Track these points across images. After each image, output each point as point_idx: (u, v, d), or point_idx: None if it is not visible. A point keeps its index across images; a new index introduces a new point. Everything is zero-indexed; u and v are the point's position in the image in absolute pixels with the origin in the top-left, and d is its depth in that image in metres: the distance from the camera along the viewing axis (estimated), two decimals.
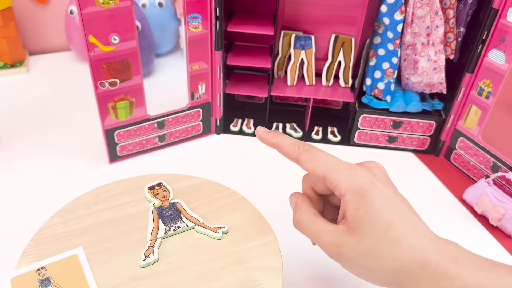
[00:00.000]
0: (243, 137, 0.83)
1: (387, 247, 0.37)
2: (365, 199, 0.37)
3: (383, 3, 0.68)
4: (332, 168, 0.39)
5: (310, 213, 0.42)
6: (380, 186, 0.38)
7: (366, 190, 0.38)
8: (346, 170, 0.39)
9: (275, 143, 0.44)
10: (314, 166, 0.40)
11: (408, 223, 0.38)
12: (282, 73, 0.84)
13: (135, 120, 0.72)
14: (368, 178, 0.38)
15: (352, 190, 0.38)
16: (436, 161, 0.81)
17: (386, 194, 0.38)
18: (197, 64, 0.72)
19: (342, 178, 0.38)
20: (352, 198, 0.38)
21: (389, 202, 0.38)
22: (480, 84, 0.70)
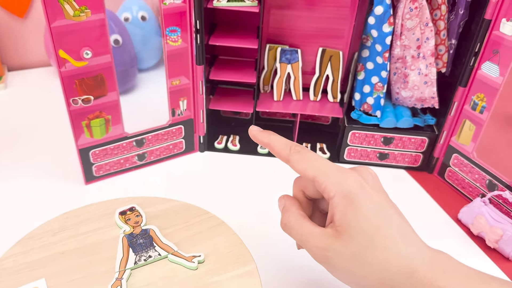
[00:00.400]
0: (228, 155, 0.79)
1: (374, 253, 0.36)
2: (353, 203, 0.37)
3: (370, 15, 0.66)
4: (322, 170, 0.38)
5: (298, 215, 0.41)
6: (370, 191, 0.38)
7: (355, 194, 0.37)
8: (336, 173, 0.38)
9: (267, 142, 0.43)
10: (304, 168, 0.39)
11: (397, 229, 0.37)
12: (268, 88, 0.80)
13: (111, 139, 0.68)
14: (358, 182, 0.37)
15: (340, 193, 0.37)
16: (429, 178, 0.77)
17: (375, 200, 0.37)
18: (177, 79, 0.69)
19: (332, 181, 0.38)
20: (340, 201, 0.37)
21: (378, 208, 0.37)
22: (474, 98, 0.67)
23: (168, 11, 0.62)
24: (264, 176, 0.75)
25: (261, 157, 0.79)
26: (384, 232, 0.36)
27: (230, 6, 0.67)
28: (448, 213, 0.70)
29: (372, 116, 0.74)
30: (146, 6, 1.01)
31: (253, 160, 0.78)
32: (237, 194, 0.70)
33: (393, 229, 0.37)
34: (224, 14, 0.75)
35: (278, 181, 0.70)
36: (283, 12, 0.74)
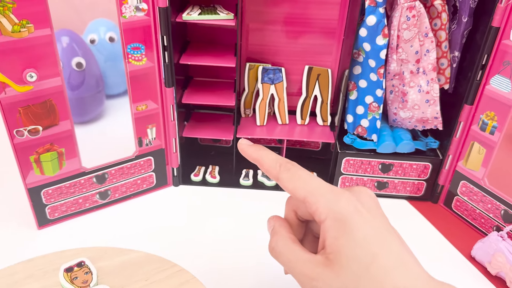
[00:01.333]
0: (206, 189, 0.69)
1: (368, 285, 0.32)
2: (346, 227, 0.33)
3: (362, 26, 0.58)
4: (313, 190, 0.35)
5: (287, 239, 0.37)
6: (366, 215, 0.33)
7: (349, 218, 0.33)
8: (328, 193, 0.34)
9: (256, 158, 0.39)
10: (294, 187, 0.36)
11: (395, 259, 0.33)
12: (250, 111, 0.72)
13: (67, 175, 0.58)
14: (352, 205, 0.34)
15: (332, 216, 0.33)
16: (434, 209, 0.68)
17: (372, 224, 0.33)
18: (143, 104, 0.60)
19: (323, 202, 0.34)
20: (332, 225, 0.33)
21: (375, 233, 0.33)
22: (483, 117, 0.59)
23: (128, 25, 0.54)
24: (248, 213, 0.65)
25: (244, 189, 0.70)
26: (380, 262, 0.32)
27: (202, 20, 0.58)
28: (459, 250, 0.61)
29: (367, 140, 0.66)
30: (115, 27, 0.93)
31: (235, 193, 0.69)
32: (216, 238, 0.60)
33: (391, 258, 0.33)
34: (198, 30, 0.67)
35: (264, 219, 0.60)
36: (264, 27, 0.66)
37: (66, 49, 0.78)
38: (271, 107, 0.71)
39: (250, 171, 0.73)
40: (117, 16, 0.52)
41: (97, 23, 0.94)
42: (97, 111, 0.85)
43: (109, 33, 0.94)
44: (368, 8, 0.56)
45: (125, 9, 0.52)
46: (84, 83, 0.80)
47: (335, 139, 0.67)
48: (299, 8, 0.64)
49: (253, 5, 0.64)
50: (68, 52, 0.76)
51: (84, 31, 0.92)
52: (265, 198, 0.68)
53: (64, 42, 0.78)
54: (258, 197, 0.68)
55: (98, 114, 0.86)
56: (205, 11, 0.59)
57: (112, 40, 0.93)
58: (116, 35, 0.93)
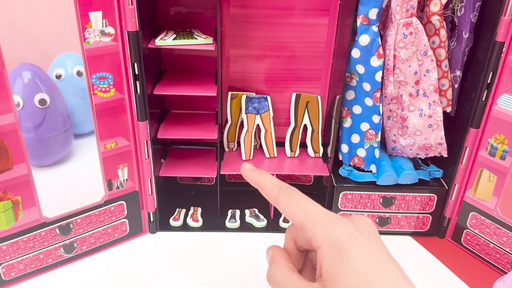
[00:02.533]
0: (188, 234, 0.61)
1: None
2: (342, 253, 0.33)
3: (354, 47, 0.53)
4: (311, 216, 0.35)
5: (285, 267, 0.38)
6: (363, 242, 0.34)
7: (344, 244, 0.33)
8: (325, 219, 0.35)
9: (257, 182, 0.40)
10: (292, 212, 0.36)
11: (392, 286, 0.32)
12: (234, 145, 0.65)
13: (24, 227, 0.50)
14: (348, 231, 0.34)
15: (328, 242, 0.34)
16: (442, 245, 0.62)
17: (368, 251, 0.33)
18: (112, 141, 0.52)
19: (320, 228, 0.34)
20: (328, 251, 0.34)
21: (371, 260, 0.33)
22: (491, 141, 0.54)
23: (93, 52, 0.47)
24: (236, 259, 0.57)
25: (231, 233, 0.62)
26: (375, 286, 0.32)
27: (178, 45, 0.52)
28: None
29: (365, 172, 0.59)
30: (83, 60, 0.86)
31: (220, 238, 0.61)
32: None
33: (387, 286, 0.32)
34: (173, 58, 0.61)
35: (254, 264, 0.53)
36: (246, 53, 0.60)
37: (27, 85, 0.70)
38: (257, 139, 0.65)
39: (236, 211, 0.65)
40: (79, 42, 0.46)
41: (63, 57, 0.86)
42: (63, 152, 0.77)
43: (76, 67, 0.86)
44: (360, 26, 0.51)
45: (89, 34, 0.46)
46: (48, 121, 0.72)
47: (330, 171, 0.61)
48: (284, 31, 0.59)
49: (233, 29, 0.59)
50: (30, 88, 0.69)
51: (49, 66, 0.85)
52: (254, 241, 0.61)
53: (26, 77, 0.71)
54: (247, 240, 0.61)
55: (65, 155, 0.77)
56: (181, 35, 0.54)
57: (80, 74, 0.86)
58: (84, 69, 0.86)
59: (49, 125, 0.72)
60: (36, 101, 0.71)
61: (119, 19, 0.47)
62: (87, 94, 0.75)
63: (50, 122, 0.73)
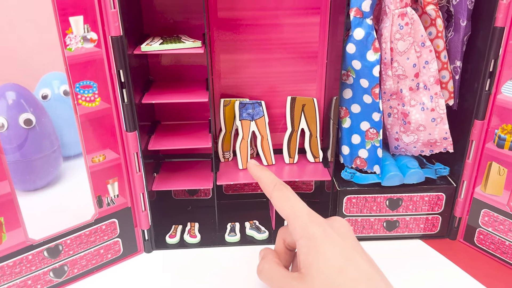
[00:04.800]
0: (186, 252, 0.58)
1: None
2: (316, 245, 0.38)
3: (349, 42, 0.50)
4: (295, 211, 0.41)
5: (272, 262, 0.43)
6: (335, 237, 0.39)
7: (318, 238, 0.38)
8: (305, 216, 0.40)
9: (258, 176, 0.46)
10: (281, 205, 0.42)
11: (361, 274, 0.37)
12: (230, 154, 0.62)
13: (8, 251, 0.47)
14: (322, 228, 0.39)
15: (305, 235, 0.39)
16: (454, 247, 0.59)
17: (339, 244, 0.38)
18: (100, 154, 0.50)
19: (300, 223, 0.40)
20: (304, 243, 0.39)
21: (342, 252, 0.38)
22: (498, 132, 0.51)
23: (75, 59, 0.45)
24: (238, 275, 0.54)
25: (231, 247, 0.59)
26: (346, 276, 0.37)
27: (165, 50, 0.50)
28: None
29: (369, 173, 0.57)
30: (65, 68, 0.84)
31: (220, 253, 0.58)
32: None
33: (356, 273, 0.37)
34: (161, 67, 0.59)
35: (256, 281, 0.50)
36: (237, 57, 0.58)
37: (12, 105, 0.68)
38: (253, 147, 0.62)
39: (236, 224, 0.62)
40: (60, 49, 0.43)
41: (49, 77, 0.84)
42: (51, 175, 0.73)
43: (63, 86, 0.84)
44: (354, 20, 0.49)
45: (70, 40, 0.43)
46: (34, 142, 0.69)
47: (331, 176, 0.58)
48: (274, 32, 0.57)
49: (222, 33, 0.57)
50: (14, 108, 0.66)
51: (35, 86, 0.82)
52: (256, 254, 0.57)
53: (10, 98, 0.68)
54: (248, 254, 0.57)
55: (54, 177, 0.74)
56: (168, 40, 0.51)
57: (68, 94, 0.83)
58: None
59: (36, 146, 0.69)
60: (21, 121, 0.68)
61: (102, 24, 0.45)
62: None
63: (36, 143, 0.70)
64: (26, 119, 0.69)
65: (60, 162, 0.76)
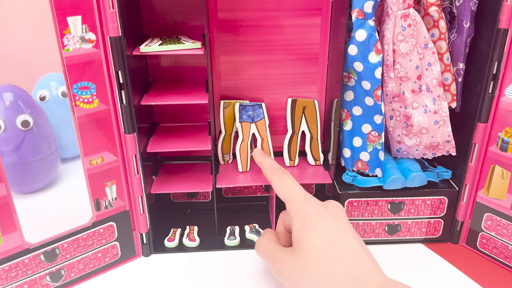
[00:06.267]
0: (185, 256, 0.57)
1: (323, 267, 0.39)
2: (307, 221, 0.42)
3: (351, 43, 0.50)
4: (292, 194, 0.45)
5: (269, 238, 0.47)
6: (327, 216, 0.42)
7: (311, 216, 0.42)
8: (302, 198, 0.44)
9: (260, 162, 0.51)
10: (280, 189, 0.46)
11: (349, 249, 0.39)
12: (229, 157, 0.61)
13: (4, 255, 0.46)
14: (315, 208, 0.43)
15: (299, 214, 0.43)
16: (457, 251, 0.58)
17: (331, 223, 0.41)
18: (98, 157, 0.49)
19: (296, 204, 0.44)
20: (298, 220, 0.42)
21: (332, 229, 0.41)
22: (502, 135, 0.51)
23: (73, 60, 0.44)
24: (238, 279, 0.53)
25: (231, 251, 0.58)
26: (334, 249, 0.39)
27: (164, 51, 0.49)
28: None
29: (370, 176, 0.56)
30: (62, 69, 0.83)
31: (220, 257, 0.57)
32: None
33: (344, 248, 0.39)
34: (161, 69, 0.58)
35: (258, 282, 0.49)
36: (237, 59, 0.57)
37: (9, 107, 0.67)
38: (253, 149, 0.61)
39: (235, 228, 0.61)
40: (58, 49, 0.43)
41: (47, 78, 0.83)
42: (49, 177, 0.73)
43: (61, 87, 0.83)
44: (356, 21, 0.49)
45: (68, 40, 0.43)
46: (31, 144, 0.69)
47: (332, 179, 0.57)
48: (275, 34, 0.56)
49: (223, 35, 0.56)
50: (11, 109, 0.66)
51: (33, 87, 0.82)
52: (256, 258, 0.57)
53: (7, 99, 0.68)
54: (248, 258, 0.57)
55: (52, 180, 0.74)
56: (167, 41, 0.51)
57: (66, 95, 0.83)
58: None
59: (33, 148, 0.68)
60: (19, 123, 0.67)
61: (100, 24, 0.44)
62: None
63: (33, 145, 0.69)
64: (24, 121, 0.68)
65: (58, 165, 0.75)
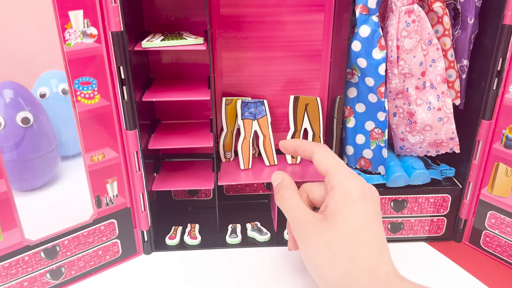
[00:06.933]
0: (186, 253, 0.57)
1: (348, 246, 0.39)
2: (350, 197, 0.40)
3: (354, 39, 0.49)
4: (337, 165, 0.43)
5: (295, 192, 0.44)
6: (369, 199, 0.41)
7: (355, 192, 0.41)
8: (347, 172, 0.42)
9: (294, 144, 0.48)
10: (324, 159, 0.44)
11: (377, 238, 0.40)
12: (231, 154, 0.61)
13: (4, 252, 0.45)
14: (361, 185, 0.41)
15: (343, 187, 0.41)
16: (460, 249, 0.58)
17: (370, 207, 0.41)
18: (99, 153, 0.48)
19: (340, 176, 0.42)
20: (339, 193, 0.41)
21: (369, 214, 0.40)
22: (506, 133, 0.50)
23: (74, 55, 0.43)
24: (238, 277, 0.53)
25: (232, 249, 0.58)
26: (365, 234, 0.39)
27: (166, 46, 0.49)
28: None
29: (373, 174, 0.56)
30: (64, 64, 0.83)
31: (221, 255, 0.56)
32: None
33: (374, 236, 0.39)
34: (163, 65, 0.58)
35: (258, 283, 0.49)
36: (239, 55, 0.57)
37: (9, 103, 0.67)
38: (255, 147, 0.61)
39: (237, 226, 0.61)
40: (59, 44, 0.42)
41: (48, 75, 0.83)
42: (49, 175, 0.72)
43: (61, 85, 0.82)
44: (359, 17, 0.48)
45: (69, 35, 0.42)
46: (31, 141, 0.68)
47: None
48: (278, 30, 0.56)
49: (225, 31, 0.56)
50: (12, 106, 0.65)
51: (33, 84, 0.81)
52: (258, 256, 0.56)
53: (7, 96, 0.67)
54: (250, 256, 0.56)
55: (52, 178, 0.73)
56: (169, 37, 0.50)
57: (66, 92, 0.82)
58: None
59: (33, 145, 0.68)
60: (19, 120, 0.67)
61: (102, 19, 0.43)
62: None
63: (33, 142, 0.69)
64: (24, 118, 0.68)
65: (58, 162, 0.74)
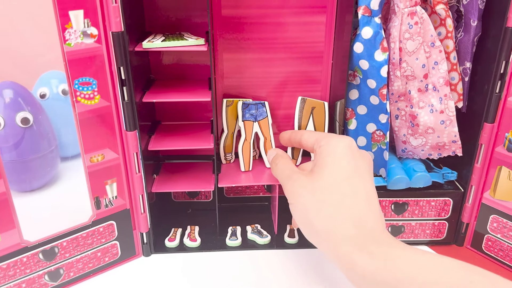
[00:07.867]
0: (186, 256, 0.56)
1: (333, 195, 0.40)
2: (336, 152, 0.42)
3: (356, 41, 0.49)
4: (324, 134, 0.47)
5: (289, 160, 0.48)
6: (356, 154, 0.42)
7: (342, 148, 0.42)
8: (335, 136, 0.45)
9: (299, 133, 0.50)
10: (310, 134, 0.48)
11: (363, 188, 0.40)
12: (231, 156, 0.61)
13: (2, 253, 0.45)
14: (349, 144, 0.42)
15: (330, 144, 0.43)
16: (462, 254, 0.57)
17: (356, 162, 0.41)
18: (99, 154, 0.48)
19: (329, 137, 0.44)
20: (326, 149, 0.42)
21: (356, 166, 0.41)
22: (509, 136, 0.50)
23: (74, 55, 0.43)
24: (238, 280, 0.52)
25: (232, 251, 0.57)
26: (351, 183, 0.40)
27: (167, 47, 0.49)
28: None
29: (375, 176, 0.55)
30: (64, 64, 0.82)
31: (221, 258, 0.56)
32: None
33: (360, 186, 0.40)
34: (163, 66, 0.57)
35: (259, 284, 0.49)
36: (240, 56, 0.57)
37: (9, 104, 0.66)
38: (256, 149, 0.61)
39: (237, 228, 0.60)
40: (60, 44, 0.42)
41: (48, 76, 0.82)
42: (48, 176, 0.72)
43: (62, 85, 0.82)
44: (362, 19, 0.48)
45: (69, 34, 0.42)
46: (31, 142, 0.68)
47: None
48: (279, 31, 0.56)
49: (226, 32, 0.55)
50: (11, 106, 0.65)
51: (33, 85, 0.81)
52: (258, 259, 0.56)
53: (7, 96, 0.67)
54: (250, 258, 0.56)
55: (51, 179, 0.73)
56: (170, 38, 0.50)
57: (66, 93, 0.82)
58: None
59: (32, 146, 0.68)
60: (18, 120, 0.67)
61: (103, 19, 0.43)
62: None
63: (33, 142, 0.68)
64: (23, 118, 0.68)
65: (58, 163, 0.74)
